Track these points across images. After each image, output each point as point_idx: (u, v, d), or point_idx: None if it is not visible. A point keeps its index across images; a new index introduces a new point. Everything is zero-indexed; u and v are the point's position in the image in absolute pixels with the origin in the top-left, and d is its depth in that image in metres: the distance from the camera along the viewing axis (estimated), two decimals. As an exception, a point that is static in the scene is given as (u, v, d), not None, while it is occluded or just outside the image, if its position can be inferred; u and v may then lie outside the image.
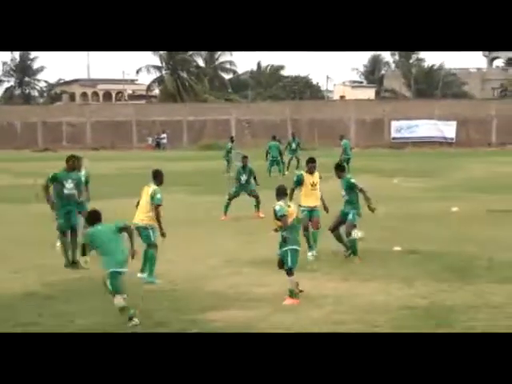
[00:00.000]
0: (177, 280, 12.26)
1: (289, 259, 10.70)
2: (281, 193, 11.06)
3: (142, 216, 12.30)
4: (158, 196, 12.21)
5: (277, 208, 10.83)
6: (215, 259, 13.90)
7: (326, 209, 14.19)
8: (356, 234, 13.59)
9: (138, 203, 12.52)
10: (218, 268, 13.18)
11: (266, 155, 32.99)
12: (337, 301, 10.68)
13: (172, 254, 13.77)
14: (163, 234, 12.28)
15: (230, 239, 16.04)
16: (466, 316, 9.76)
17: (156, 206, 12.17)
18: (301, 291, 10.81)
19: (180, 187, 26.37)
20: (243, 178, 19.90)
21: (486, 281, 11.82)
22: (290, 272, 10.68)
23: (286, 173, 31.75)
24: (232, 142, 35.61)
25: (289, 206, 10.94)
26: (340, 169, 14.17)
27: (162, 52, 75.91)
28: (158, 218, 12.21)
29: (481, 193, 24.07)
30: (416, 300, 10.66)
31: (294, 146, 35.06)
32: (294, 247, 10.76)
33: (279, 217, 10.82)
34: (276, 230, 10.97)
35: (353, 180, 13.92)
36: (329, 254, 13.70)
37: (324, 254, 13.79)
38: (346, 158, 32.73)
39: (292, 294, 10.65)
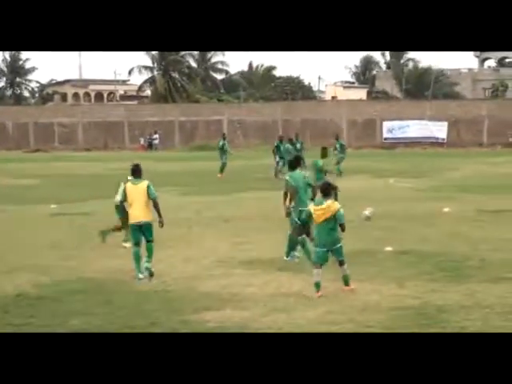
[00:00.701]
0: (170, 280, 12.26)
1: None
2: (327, 192, 11.38)
3: (144, 213, 12.48)
4: (153, 189, 12.53)
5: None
6: (208, 260, 13.91)
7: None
8: (366, 213, 14.39)
9: (121, 203, 12.56)
10: (211, 268, 13.18)
11: (274, 155, 32.39)
12: (330, 301, 10.70)
13: (164, 255, 13.76)
14: (161, 223, 12.53)
15: (222, 240, 16.03)
16: (457, 316, 9.80)
17: (154, 199, 12.47)
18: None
19: (172, 187, 26.37)
20: None
21: (478, 281, 11.86)
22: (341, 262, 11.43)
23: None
24: (224, 139, 35.20)
25: (322, 206, 11.18)
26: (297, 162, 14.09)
27: (153, 52, 75.81)
28: (158, 208, 12.52)
29: (472, 193, 24.11)
30: (408, 300, 10.69)
31: (298, 146, 34.92)
32: (316, 249, 11.44)
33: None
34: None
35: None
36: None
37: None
38: (341, 158, 32.63)
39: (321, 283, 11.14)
